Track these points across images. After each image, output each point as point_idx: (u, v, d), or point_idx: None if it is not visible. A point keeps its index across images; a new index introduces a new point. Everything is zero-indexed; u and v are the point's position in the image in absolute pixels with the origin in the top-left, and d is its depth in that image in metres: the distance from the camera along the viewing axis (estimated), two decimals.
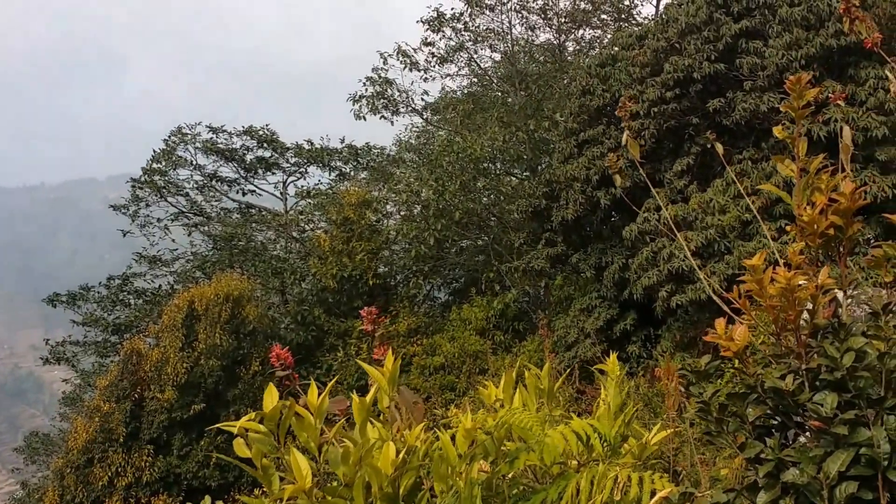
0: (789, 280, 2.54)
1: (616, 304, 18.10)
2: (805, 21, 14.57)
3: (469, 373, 21.02)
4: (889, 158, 13.75)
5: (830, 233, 2.77)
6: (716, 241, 14.36)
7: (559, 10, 26.10)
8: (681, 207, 14.96)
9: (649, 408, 13.13)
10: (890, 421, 2.52)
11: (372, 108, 25.31)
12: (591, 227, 18.87)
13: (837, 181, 2.76)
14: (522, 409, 3.63)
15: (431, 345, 22.06)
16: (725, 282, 13.99)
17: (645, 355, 17.23)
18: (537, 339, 21.25)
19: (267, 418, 2.84)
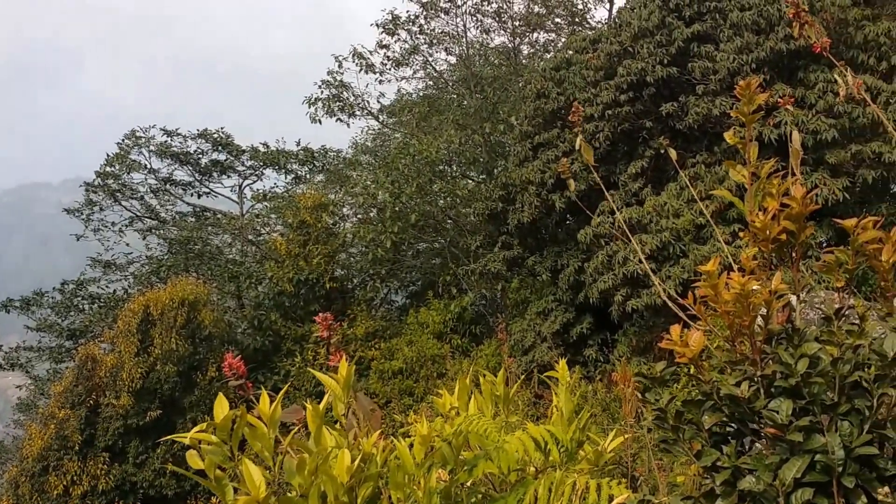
0: (743, 286, 2.54)
1: (572, 308, 18.16)
2: (755, 25, 14.77)
3: (427, 377, 20.97)
4: (839, 161, 13.97)
5: (783, 238, 2.78)
6: (671, 244, 14.47)
7: (513, 14, 26.22)
8: (635, 210, 15.06)
9: (607, 413, 13.19)
10: (844, 427, 2.53)
11: (328, 110, 25.17)
12: (546, 229, 18.92)
13: (788, 185, 2.77)
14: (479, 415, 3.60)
15: (389, 349, 21.98)
16: (681, 286, 14.11)
17: (602, 359, 17.31)
18: (495, 342, 21.26)
19: (219, 428, 2.77)
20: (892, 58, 14.56)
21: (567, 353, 18.22)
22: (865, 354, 2.60)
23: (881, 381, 2.54)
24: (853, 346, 2.58)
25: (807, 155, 14.17)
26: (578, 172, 16.72)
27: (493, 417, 3.62)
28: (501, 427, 3.65)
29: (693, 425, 2.78)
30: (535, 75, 19.27)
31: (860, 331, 2.65)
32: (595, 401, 13.30)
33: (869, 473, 2.50)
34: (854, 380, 2.56)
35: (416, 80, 29.28)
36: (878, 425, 2.57)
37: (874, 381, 2.55)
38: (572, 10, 27.22)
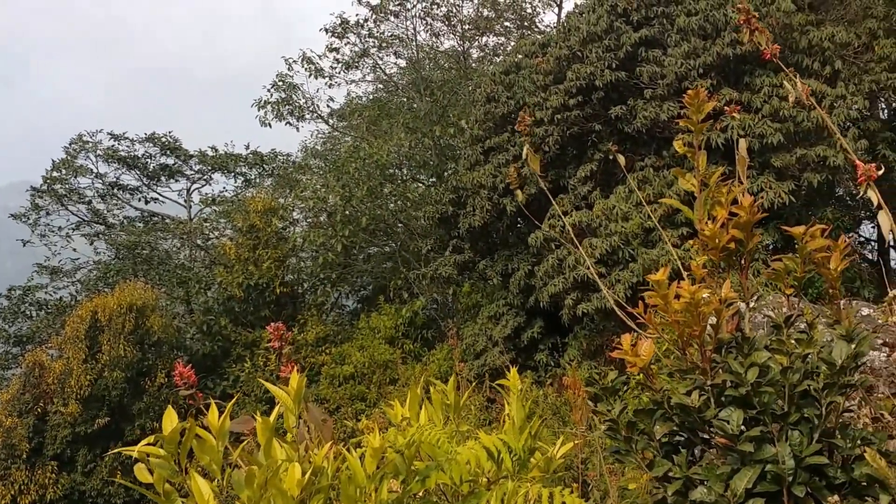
0: (693, 295, 2.53)
1: (523, 312, 18.20)
2: (702, 31, 14.95)
3: (379, 382, 20.87)
4: (784, 165, 14.18)
5: (731, 246, 2.78)
6: (620, 248, 14.57)
7: (463, 17, 26.24)
8: (585, 214, 15.15)
9: (558, 417, 13.25)
10: (794, 436, 2.54)
11: (277, 114, 24.97)
12: (497, 233, 18.95)
13: (736, 194, 2.77)
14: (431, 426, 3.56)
15: (340, 354, 21.84)
16: (630, 289, 14.22)
17: (553, 363, 17.38)
18: (446, 347, 21.24)
19: (166, 441, 2.70)
20: (836, 62, 14.84)
21: (518, 357, 18.28)
22: (814, 363, 2.61)
23: (830, 390, 2.55)
24: (802, 355, 2.59)
25: (753, 159, 14.37)
26: (529, 176, 16.79)
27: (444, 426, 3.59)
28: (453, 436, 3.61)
29: (645, 435, 2.77)
30: (485, 79, 19.31)
31: (809, 339, 2.66)
32: (546, 405, 13.35)
33: (819, 482, 2.51)
34: (803, 389, 2.56)
35: (366, 84, 29.30)
36: (828, 434, 2.58)
37: (823, 389, 2.56)
38: (521, 14, 27.34)
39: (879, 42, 15.52)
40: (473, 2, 26.11)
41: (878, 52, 15.47)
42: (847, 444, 2.57)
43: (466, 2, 25.91)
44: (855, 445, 2.57)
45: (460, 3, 25.78)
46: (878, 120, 18.22)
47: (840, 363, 2.50)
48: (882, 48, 15.40)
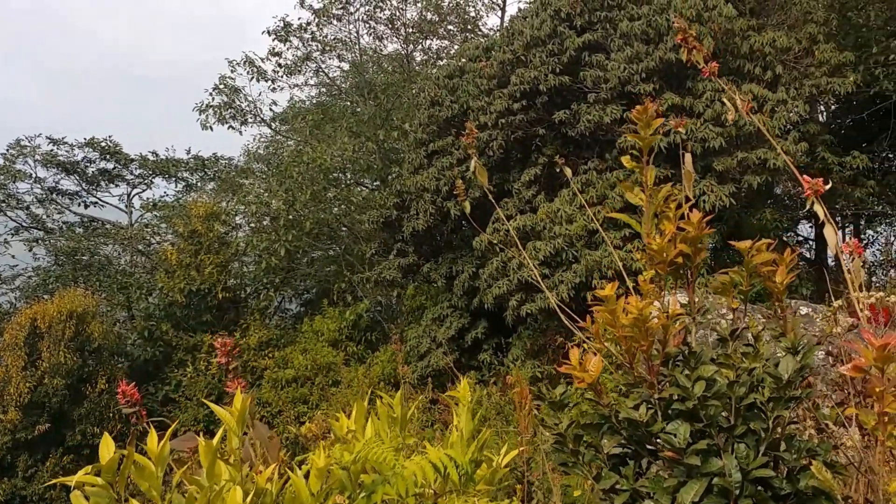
0: (641, 310, 2.51)
1: (467, 313, 18.23)
2: (645, 35, 15.08)
3: (322, 385, 20.78)
4: (726, 168, 14.38)
5: (679, 261, 2.78)
6: (564, 250, 14.64)
7: (406, 21, 26.12)
8: (529, 218, 15.19)
9: (501, 416, 13.28)
10: (740, 449, 2.54)
11: (219, 118, 24.60)
12: (441, 236, 18.93)
13: (685, 210, 2.77)
14: (377, 440, 3.50)
15: (283, 357, 21.68)
16: (573, 289, 14.32)
17: (496, 363, 17.44)
18: (390, 349, 21.19)
19: (104, 470, 2.60)
20: (777, 67, 15.09)
21: (462, 357, 18.33)
22: (760, 374, 2.62)
23: (776, 403, 2.55)
24: (748, 368, 2.59)
25: (696, 163, 14.45)
26: (474, 179, 16.79)
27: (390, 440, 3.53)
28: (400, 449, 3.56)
29: (592, 448, 2.75)
30: (429, 83, 19.26)
31: (755, 352, 2.67)
32: (490, 405, 13.38)
33: (765, 493, 2.52)
34: (750, 402, 2.57)
35: (309, 88, 29.02)
36: (774, 446, 2.59)
37: (769, 402, 2.56)
38: (464, 18, 27.35)
39: (819, 47, 15.83)
40: (417, 5, 26.04)
41: (818, 57, 15.77)
42: (793, 455, 2.58)
43: (410, 5, 25.79)
44: (801, 457, 2.59)
45: (404, 7, 25.67)
46: (818, 123, 18.64)
47: (787, 378, 2.51)
48: (822, 53, 15.71)
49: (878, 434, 2.27)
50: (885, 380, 2.23)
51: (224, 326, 22.66)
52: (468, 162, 17.05)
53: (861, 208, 19.57)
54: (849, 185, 17.58)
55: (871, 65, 16.72)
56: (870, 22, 16.99)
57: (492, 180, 17.17)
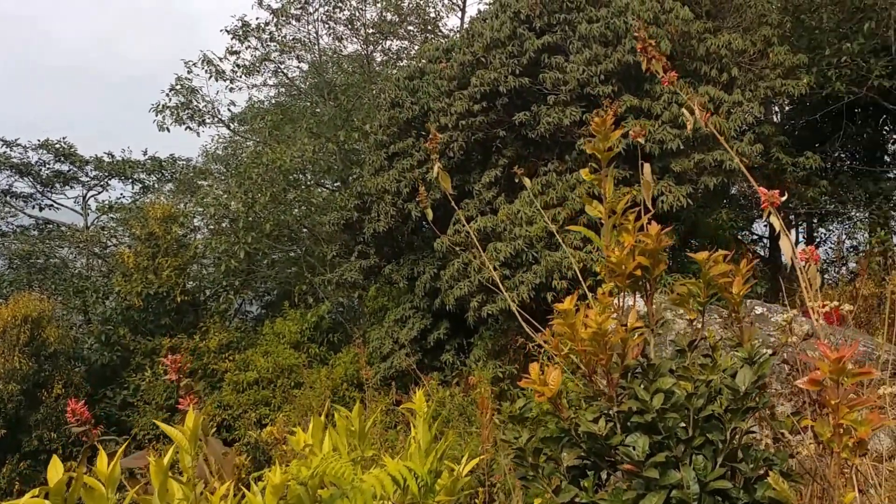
0: (600, 324, 2.52)
1: (429, 314, 18.23)
2: (603, 38, 15.16)
3: (284, 387, 20.69)
4: (683, 169, 14.50)
5: (638, 273, 2.79)
6: (524, 251, 14.68)
7: (366, 21, 26.02)
8: (490, 219, 15.21)
9: (464, 417, 13.31)
10: (698, 461, 2.56)
11: (176, 118, 24.29)
12: (403, 238, 18.89)
13: (644, 222, 2.79)
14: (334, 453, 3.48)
15: (244, 360, 21.53)
16: (534, 290, 14.38)
17: (459, 363, 17.47)
18: (353, 350, 21.15)
19: (52, 493, 2.54)
20: (733, 69, 15.25)
21: (425, 358, 18.34)
22: (717, 386, 2.64)
23: (733, 414, 2.57)
24: (706, 380, 2.61)
25: (654, 164, 14.68)
26: (434, 181, 16.79)
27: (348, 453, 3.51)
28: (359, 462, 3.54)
29: (552, 461, 2.76)
30: (389, 84, 19.21)
31: (713, 363, 2.69)
32: (453, 406, 13.40)
33: None
34: (708, 413, 2.59)
35: (268, 88, 28.80)
36: (731, 456, 2.61)
37: (726, 413, 2.59)
38: (425, 19, 27.30)
39: (774, 49, 16.04)
40: (376, 6, 25.94)
41: (772, 59, 15.97)
42: (750, 465, 2.61)
43: (369, 6, 25.68)
44: (757, 466, 2.61)
45: (363, 7, 25.55)
46: (773, 124, 18.91)
47: (744, 389, 2.54)
48: (776, 55, 15.91)
49: (834, 446, 2.30)
50: (840, 392, 2.26)
51: (183, 330, 22.45)
52: (429, 164, 17.05)
53: (814, 207, 19.89)
54: (802, 184, 17.87)
55: (824, 66, 17.00)
56: (822, 24, 17.26)
57: (453, 182, 17.07)
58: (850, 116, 19.07)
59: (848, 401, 2.25)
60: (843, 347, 2.23)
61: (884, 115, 20.26)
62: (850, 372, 2.22)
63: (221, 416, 20.43)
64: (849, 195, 19.68)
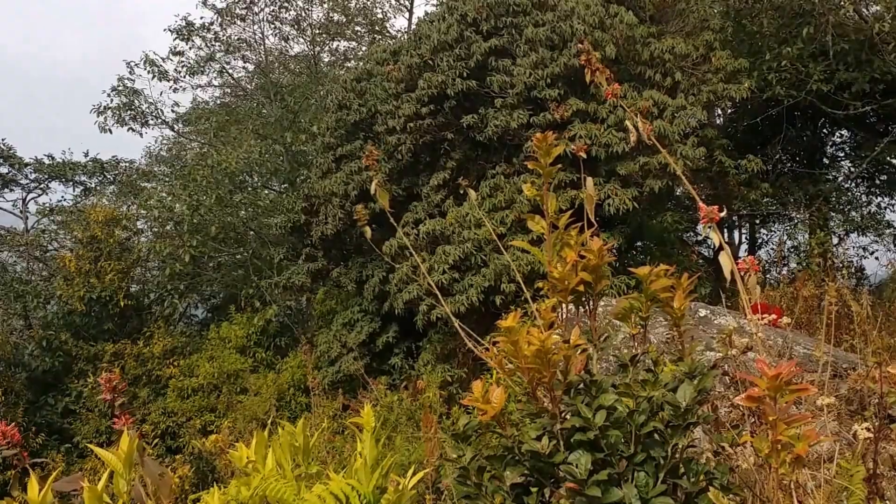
0: (543, 342, 2.51)
1: (378, 318, 18.14)
2: (550, 41, 15.23)
3: (230, 393, 20.45)
4: (629, 172, 14.62)
5: (581, 289, 2.79)
6: (473, 254, 14.69)
7: (312, 22, 25.84)
8: (439, 222, 15.19)
9: (412, 421, 13.27)
10: (640, 478, 2.56)
11: (118, 119, 23.83)
12: (351, 240, 18.76)
13: (586, 237, 2.79)
14: (277, 470, 3.43)
15: (189, 365, 21.24)
16: (483, 293, 14.40)
17: (408, 367, 17.43)
18: (300, 354, 20.99)
19: None
20: (676, 74, 15.44)
21: (373, 362, 18.25)
22: (659, 401, 2.65)
23: (674, 430, 2.58)
24: (648, 396, 2.62)
25: (600, 167, 14.82)
26: (382, 184, 16.69)
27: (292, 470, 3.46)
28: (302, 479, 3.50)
29: (496, 479, 2.74)
30: (336, 87, 19.08)
31: (654, 378, 2.69)
32: (401, 410, 13.36)
33: None
34: (649, 429, 2.59)
35: (214, 89, 28.43)
36: (673, 472, 2.62)
37: (667, 428, 2.59)
38: (372, 20, 27.22)
39: (716, 53, 16.28)
40: (323, 6, 25.78)
41: (714, 64, 16.21)
42: (691, 480, 2.62)
43: (316, 6, 25.51)
44: (699, 481, 2.63)
45: (310, 8, 25.40)
46: (715, 127, 19.19)
47: (685, 405, 2.55)
48: (718, 59, 16.15)
49: (772, 461, 2.32)
50: (778, 408, 2.28)
51: (127, 335, 22.06)
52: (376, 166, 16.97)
53: (756, 209, 20.25)
54: (744, 187, 18.18)
55: (765, 70, 17.30)
56: (763, 29, 17.58)
57: (401, 184, 17.14)
58: (790, 120, 19.43)
59: (786, 417, 2.27)
60: (781, 364, 2.25)
61: (822, 118, 20.69)
62: (787, 389, 2.24)
63: (166, 424, 20.12)
64: (789, 197, 20.05)
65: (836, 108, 17.46)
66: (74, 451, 19.90)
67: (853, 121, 19.60)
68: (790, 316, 12.41)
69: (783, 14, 17.41)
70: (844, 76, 17.09)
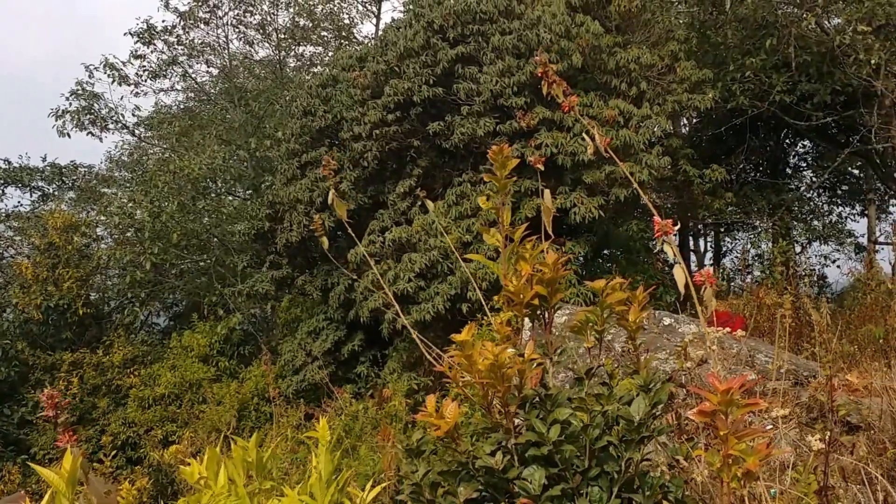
0: (497, 356, 2.48)
1: (344, 326, 18.03)
2: (516, 49, 15.25)
3: (191, 402, 20.18)
4: (594, 181, 14.67)
5: (535, 303, 2.77)
6: (439, 262, 14.66)
7: (278, 27, 25.68)
8: (405, 230, 15.14)
9: (378, 430, 13.18)
10: (594, 493, 2.54)
11: (77, 123, 23.44)
12: (316, 247, 18.63)
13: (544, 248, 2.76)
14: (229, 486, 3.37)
15: (150, 375, 20.91)
16: (449, 301, 14.38)
17: (373, 375, 17.34)
18: (264, 363, 20.80)
19: None
20: (642, 83, 15.54)
21: (339, 370, 18.12)
22: (614, 414, 2.63)
23: (628, 444, 2.56)
24: (602, 410, 2.60)
25: (566, 176, 14.86)
26: (347, 191, 16.64)
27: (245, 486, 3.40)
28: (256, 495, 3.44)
29: (450, 495, 2.70)
30: (302, 93, 18.97)
31: (609, 392, 2.67)
32: (366, 419, 13.28)
33: None
34: (603, 444, 2.57)
35: (177, 93, 28.14)
36: (628, 486, 2.60)
37: (622, 443, 2.57)
38: (339, 25, 27.11)
39: (681, 64, 16.43)
40: (289, 10, 25.64)
41: (679, 74, 16.35)
42: (646, 494, 2.60)
43: (282, 10, 25.39)
44: (653, 494, 2.61)
45: (275, 12, 25.25)
46: (680, 137, 19.35)
47: (638, 419, 2.53)
48: (683, 70, 16.30)
49: (724, 476, 2.31)
50: (729, 423, 2.27)
51: (86, 343, 21.69)
52: (342, 173, 16.89)
53: (720, 218, 20.44)
54: (709, 196, 18.33)
55: (729, 81, 17.50)
56: (727, 40, 17.78)
57: (367, 191, 17.08)
58: (754, 130, 19.67)
59: (737, 432, 2.25)
60: (732, 378, 2.24)
61: (785, 129, 20.96)
62: (738, 403, 2.22)
63: (126, 434, 19.81)
64: (753, 206, 20.27)
65: (799, 118, 17.70)
66: (32, 462, 19.54)
67: (815, 132, 19.88)
68: (750, 324, 12.51)
69: (747, 26, 17.64)
70: (806, 87, 17.33)
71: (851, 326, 12.02)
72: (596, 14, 16.34)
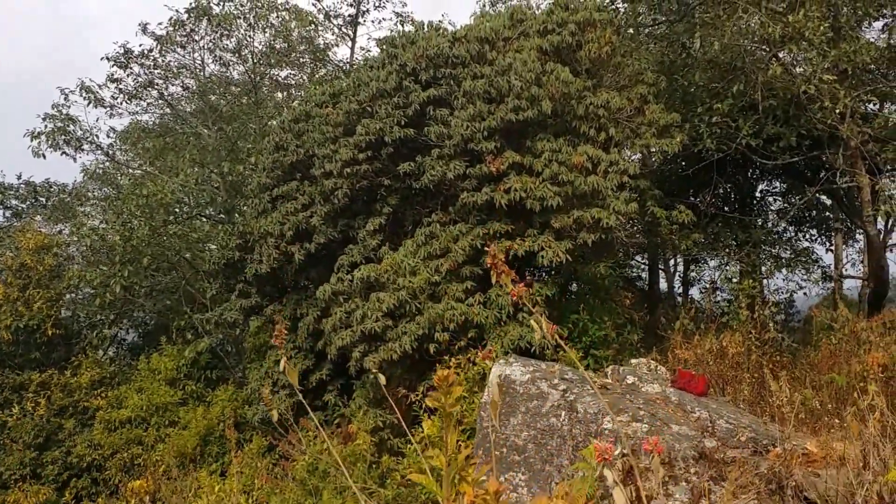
0: None
1: (312, 354, 18.11)
2: (487, 94, 15.40)
3: (158, 425, 20.22)
4: (563, 225, 14.84)
5: None
6: (407, 302, 14.78)
7: (254, 49, 25.73)
8: (373, 268, 15.24)
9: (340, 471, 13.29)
10: None
11: (52, 144, 23.42)
12: (286, 277, 18.73)
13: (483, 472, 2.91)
14: None
15: (117, 397, 20.93)
16: (416, 341, 14.50)
17: (341, 404, 17.43)
18: (231, 387, 20.88)
19: None
20: (610, 129, 15.73)
21: (306, 398, 18.19)
22: None
23: None
24: None
25: (534, 220, 15.05)
26: (318, 226, 16.74)
27: None
28: None
29: None
30: (274, 127, 19.04)
31: None
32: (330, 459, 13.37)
33: None
34: None
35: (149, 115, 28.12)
36: None
37: None
38: (315, 46, 27.18)
39: (649, 107, 16.67)
40: (265, 33, 25.69)
41: (647, 117, 16.58)
42: None
43: (258, 33, 25.42)
44: None
45: (251, 35, 25.29)
46: (647, 177, 19.59)
47: None
48: (651, 113, 16.53)
49: None
50: None
51: (54, 363, 21.68)
52: (312, 207, 17.00)
53: (688, 255, 20.73)
54: (676, 235, 18.58)
55: (696, 123, 17.75)
56: (695, 83, 18.05)
57: (337, 226, 17.18)
58: (721, 169, 19.94)
59: None
60: None
61: (752, 167, 21.28)
62: None
63: (92, 456, 19.82)
64: (720, 243, 20.57)
65: (766, 158, 17.98)
66: None
67: (782, 169, 20.19)
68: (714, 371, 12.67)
69: (715, 70, 17.91)
70: (773, 130, 17.61)
71: (815, 371, 12.25)
72: (567, 58, 16.52)
